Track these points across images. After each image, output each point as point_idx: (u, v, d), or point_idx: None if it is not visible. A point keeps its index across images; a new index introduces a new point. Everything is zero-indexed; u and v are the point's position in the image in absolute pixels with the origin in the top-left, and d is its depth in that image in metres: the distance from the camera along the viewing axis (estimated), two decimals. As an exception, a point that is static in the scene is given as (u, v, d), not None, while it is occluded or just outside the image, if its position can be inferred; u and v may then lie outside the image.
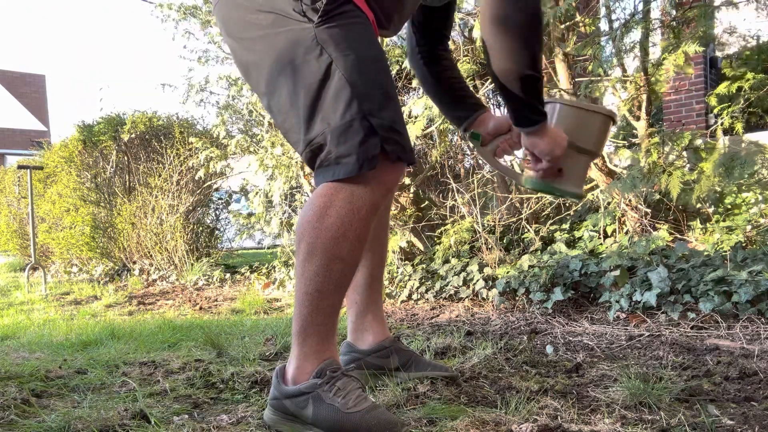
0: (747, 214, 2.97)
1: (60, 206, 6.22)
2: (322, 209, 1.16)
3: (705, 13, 2.92)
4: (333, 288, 1.18)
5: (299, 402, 1.19)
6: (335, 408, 1.15)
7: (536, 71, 1.22)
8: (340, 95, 1.12)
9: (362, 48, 1.16)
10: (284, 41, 1.15)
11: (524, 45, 1.19)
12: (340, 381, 1.18)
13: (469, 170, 4.12)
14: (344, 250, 1.16)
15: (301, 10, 1.13)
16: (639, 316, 2.26)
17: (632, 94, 3.27)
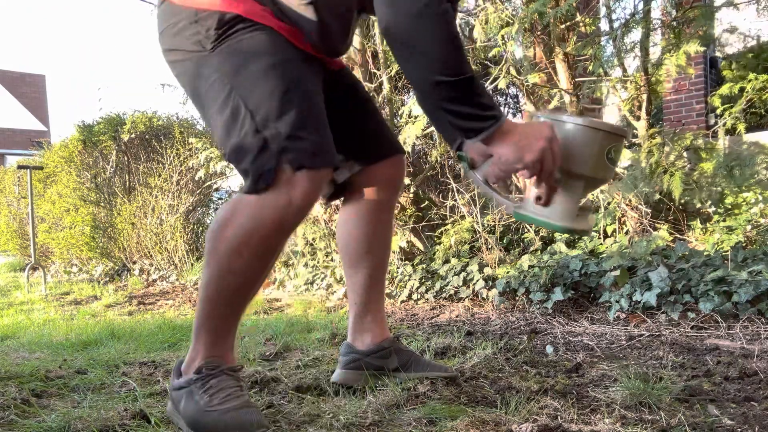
0: (747, 214, 2.97)
1: (60, 206, 6.22)
2: (224, 221, 1.16)
3: (705, 13, 2.92)
4: (224, 299, 1.20)
5: (178, 395, 1.23)
6: (198, 405, 1.17)
7: (453, 74, 1.04)
8: (236, 113, 1.12)
9: (254, 60, 1.13)
10: (189, 75, 1.19)
11: (421, 50, 1.05)
12: (215, 379, 1.19)
13: (469, 170, 4.11)
14: (238, 265, 1.16)
15: (197, 41, 1.15)
16: (639, 316, 2.26)
17: (632, 94, 3.27)
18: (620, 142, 1.15)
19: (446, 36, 1.05)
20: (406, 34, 1.05)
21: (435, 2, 1.03)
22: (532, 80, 3.32)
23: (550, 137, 1.09)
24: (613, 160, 1.15)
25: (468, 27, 3.67)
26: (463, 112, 1.07)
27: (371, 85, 3.76)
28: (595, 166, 1.14)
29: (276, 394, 1.45)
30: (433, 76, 1.05)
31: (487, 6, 3.10)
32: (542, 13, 2.63)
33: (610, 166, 1.15)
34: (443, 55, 1.04)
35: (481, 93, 1.08)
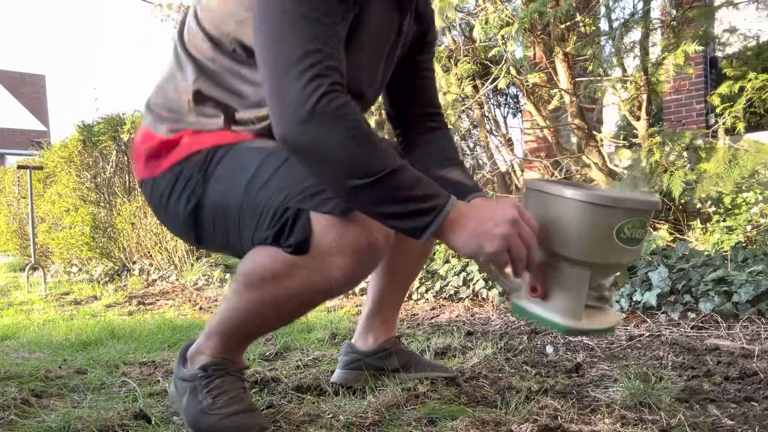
0: (747, 214, 2.97)
1: (60, 206, 6.22)
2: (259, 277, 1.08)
3: (705, 13, 2.92)
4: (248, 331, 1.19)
5: (182, 387, 1.22)
6: (200, 406, 1.17)
7: (366, 175, 0.90)
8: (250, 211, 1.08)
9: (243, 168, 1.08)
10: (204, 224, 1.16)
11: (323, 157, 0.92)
12: (220, 379, 1.18)
13: (469, 170, 4.12)
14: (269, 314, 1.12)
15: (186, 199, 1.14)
16: (639, 316, 2.26)
17: (632, 93, 3.27)
18: (638, 217, 0.90)
19: (346, 135, 0.90)
20: (304, 143, 0.92)
21: (325, 101, 0.90)
22: (532, 80, 3.32)
23: (514, 219, 0.92)
24: (631, 239, 0.91)
25: (469, 27, 3.66)
26: (394, 213, 0.92)
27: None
28: (600, 249, 0.91)
29: (276, 394, 1.45)
30: (344, 182, 0.91)
31: (487, 6, 3.10)
32: (542, 13, 2.63)
33: (627, 247, 0.91)
34: (348, 158, 0.90)
35: (411, 185, 0.92)
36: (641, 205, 0.91)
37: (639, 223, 0.90)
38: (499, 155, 4.10)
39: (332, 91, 0.91)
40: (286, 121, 0.92)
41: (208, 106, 1.13)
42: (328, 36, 0.95)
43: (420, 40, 1.31)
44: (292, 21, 0.94)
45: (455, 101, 3.34)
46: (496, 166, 4.01)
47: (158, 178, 1.17)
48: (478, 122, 3.99)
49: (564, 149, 3.46)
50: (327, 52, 0.93)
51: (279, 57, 0.93)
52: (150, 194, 1.21)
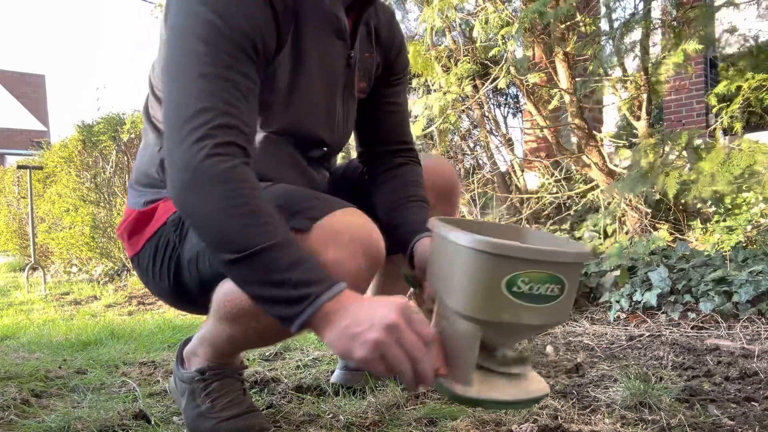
0: (747, 214, 2.97)
1: (59, 206, 6.22)
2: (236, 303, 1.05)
3: (705, 13, 2.92)
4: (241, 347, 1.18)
5: (181, 388, 1.22)
6: (199, 410, 1.17)
7: (237, 250, 0.82)
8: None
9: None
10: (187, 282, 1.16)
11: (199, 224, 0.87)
12: (218, 382, 1.17)
13: (469, 170, 4.12)
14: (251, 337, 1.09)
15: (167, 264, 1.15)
16: (639, 316, 2.26)
17: (632, 93, 3.27)
18: (535, 269, 0.74)
19: (220, 204, 0.83)
20: (184, 208, 0.87)
21: (207, 165, 0.83)
22: (532, 80, 3.32)
23: (391, 324, 0.78)
24: (532, 295, 0.75)
25: (468, 27, 3.66)
26: (261, 296, 0.84)
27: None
28: (487, 304, 0.76)
29: (276, 394, 1.45)
30: (218, 254, 0.85)
31: (487, 6, 3.10)
32: (542, 13, 2.63)
33: (527, 304, 0.75)
34: (218, 229, 0.84)
35: (286, 267, 0.81)
36: (539, 256, 0.74)
37: (540, 276, 0.74)
38: (499, 155, 4.11)
39: (217, 154, 0.85)
40: (171, 184, 0.88)
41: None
42: (225, 91, 0.88)
43: (386, 72, 1.26)
44: (190, 78, 0.89)
45: (455, 101, 3.34)
46: (496, 166, 4.00)
47: (140, 253, 1.17)
48: (478, 122, 3.99)
49: (564, 149, 3.46)
50: (221, 110, 0.87)
51: (172, 116, 0.89)
52: (138, 269, 1.21)
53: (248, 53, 0.93)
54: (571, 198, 3.53)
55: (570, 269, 0.77)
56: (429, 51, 3.36)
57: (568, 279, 0.77)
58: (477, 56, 3.51)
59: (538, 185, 3.88)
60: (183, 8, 0.94)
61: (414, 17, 4.57)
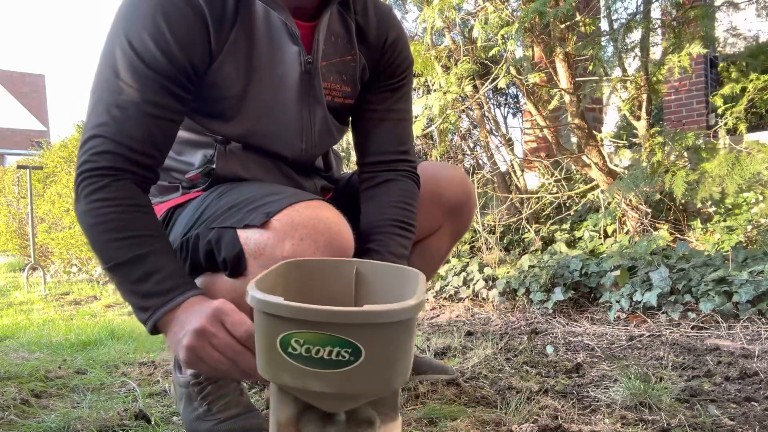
0: (747, 214, 2.97)
1: (59, 206, 6.22)
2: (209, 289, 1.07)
3: (706, 14, 2.92)
4: None
5: (180, 393, 1.22)
6: (196, 413, 1.17)
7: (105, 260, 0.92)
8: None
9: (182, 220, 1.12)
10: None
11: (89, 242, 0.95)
12: (213, 385, 1.18)
13: (469, 170, 4.12)
14: None
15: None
16: (639, 316, 2.26)
17: (633, 93, 3.27)
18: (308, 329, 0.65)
19: (90, 222, 0.93)
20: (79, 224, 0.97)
21: (82, 186, 0.94)
22: (532, 80, 3.32)
23: (201, 329, 0.82)
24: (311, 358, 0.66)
25: (468, 27, 3.66)
26: (130, 302, 0.94)
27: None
28: (268, 364, 0.69)
29: (276, 395, 1.45)
30: (98, 261, 0.97)
31: (486, 6, 3.10)
32: (542, 12, 2.63)
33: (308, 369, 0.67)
34: (92, 244, 0.94)
35: (139, 279, 0.90)
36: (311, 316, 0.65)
37: (316, 338, 0.65)
38: (499, 155, 4.10)
39: (92, 176, 0.93)
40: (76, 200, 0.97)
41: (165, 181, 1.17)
42: (125, 120, 0.94)
43: (376, 75, 1.20)
44: (95, 102, 0.96)
45: (455, 101, 3.34)
46: (496, 166, 4.00)
47: None
48: (478, 122, 3.99)
49: (564, 149, 3.46)
50: (113, 129, 0.93)
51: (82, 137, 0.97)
52: None
53: (162, 79, 0.96)
54: (571, 198, 3.53)
55: (366, 330, 0.66)
56: (429, 51, 3.36)
57: (364, 342, 0.66)
58: (477, 56, 3.51)
59: (538, 185, 3.88)
60: (109, 33, 0.98)
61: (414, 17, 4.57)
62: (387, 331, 0.68)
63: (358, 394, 0.70)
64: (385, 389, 0.71)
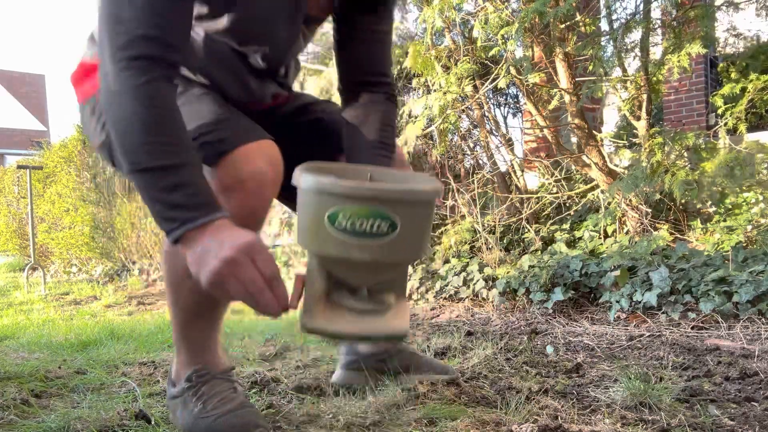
0: (747, 214, 2.97)
1: (59, 206, 6.22)
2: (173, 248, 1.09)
3: (706, 14, 2.91)
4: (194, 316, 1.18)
5: (173, 404, 1.24)
6: (193, 414, 1.17)
7: (134, 162, 0.89)
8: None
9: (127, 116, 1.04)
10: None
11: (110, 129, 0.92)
12: (207, 385, 1.18)
13: (469, 170, 4.12)
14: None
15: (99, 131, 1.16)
16: (639, 316, 2.26)
17: (633, 93, 3.27)
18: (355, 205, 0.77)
19: (129, 118, 0.88)
20: (102, 108, 0.93)
21: (123, 78, 0.88)
22: (532, 80, 3.32)
23: (231, 259, 0.85)
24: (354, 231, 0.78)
25: (468, 27, 3.66)
26: (150, 207, 0.92)
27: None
28: (316, 239, 0.81)
29: (276, 394, 1.45)
30: (122, 160, 0.91)
31: (486, 6, 3.10)
32: (542, 12, 2.63)
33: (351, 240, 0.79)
34: (124, 140, 0.90)
35: (172, 188, 0.88)
36: (357, 192, 0.77)
37: (360, 212, 0.77)
38: (499, 155, 4.10)
39: (133, 67, 0.88)
40: (100, 69, 0.93)
41: None
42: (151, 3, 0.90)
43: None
44: None
45: (455, 101, 3.34)
46: (496, 166, 4.00)
47: (83, 107, 1.20)
48: (478, 122, 3.99)
49: (564, 149, 3.46)
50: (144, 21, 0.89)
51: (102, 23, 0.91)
52: (81, 118, 1.23)
53: None
54: (571, 198, 3.53)
55: (401, 206, 0.79)
56: (429, 51, 3.36)
57: (399, 216, 0.79)
58: (477, 56, 3.50)
59: (538, 185, 3.88)
60: None
61: (414, 17, 4.57)
62: (418, 209, 0.81)
63: (391, 262, 0.82)
64: (412, 258, 0.84)
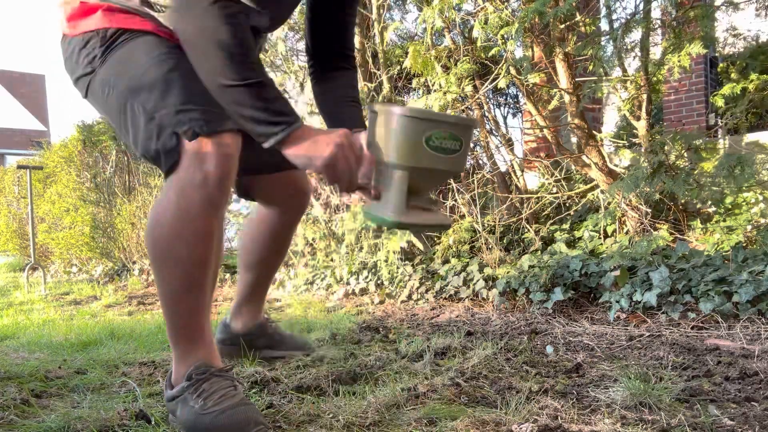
0: (747, 214, 2.97)
1: (60, 206, 6.22)
2: (153, 222, 1.19)
3: (706, 14, 2.91)
4: (183, 298, 1.21)
5: (173, 405, 1.24)
6: (194, 410, 1.18)
7: (235, 79, 1.08)
8: (132, 113, 1.19)
9: (134, 61, 1.20)
10: (95, 97, 1.28)
11: (203, 52, 1.09)
12: (207, 383, 1.20)
13: (469, 170, 4.11)
14: (180, 257, 1.17)
15: (89, 63, 1.25)
16: (639, 316, 2.26)
17: (633, 93, 3.27)
18: (443, 129, 1.12)
19: (226, 40, 1.07)
20: (191, 36, 1.10)
21: (219, 5, 1.07)
22: (532, 80, 3.32)
23: (341, 143, 1.14)
24: (441, 148, 1.13)
25: (468, 27, 3.66)
26: (252, 117, 1.10)
27: (371, 84, 3.76)
28: (413, 154, 1.12)
29: (276, 394, 1.45)
30: (217, 79, 1.09)
31: (486, 6, 3.10)
32: (542, 12, 2.63)
33: (438, 155, 1.13)
34: (223, 60, 1.07)
35: (273, 99, 1.11)
36: (447, 119, 1.14)
37: (447, 134, 1.13)
38: (499, 155, 4.10)
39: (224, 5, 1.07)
40: (182, 14, 1.10)
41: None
42: None
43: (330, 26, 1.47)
44: None
45: (455, 101, 3.34)
46: (496, 166, 4.00)
47: (72, 39, 1.28)
48: (478, 122, 3.99)
49: (564, 149, 3.46)
50: None
51: None
52: (64, 50, 1.32)
53: None
54: (571, 198, 3.53)
55: (464, 130, 1.16)
56: (429, 51, 3.36)
57: (463, 137, 1.16)
58: (477, 56, 3.50)
59: (538, 185, 3.88)
60: None
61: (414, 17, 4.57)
62: (469, 133, 1.19)
63: (456, 171, 1.19)
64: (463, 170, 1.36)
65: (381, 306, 3.14)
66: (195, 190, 1.14)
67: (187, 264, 1.18)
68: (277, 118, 1.11)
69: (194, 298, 1.22)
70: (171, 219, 1.16)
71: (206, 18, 1.07)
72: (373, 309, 3.05)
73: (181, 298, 1.21)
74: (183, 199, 1.15)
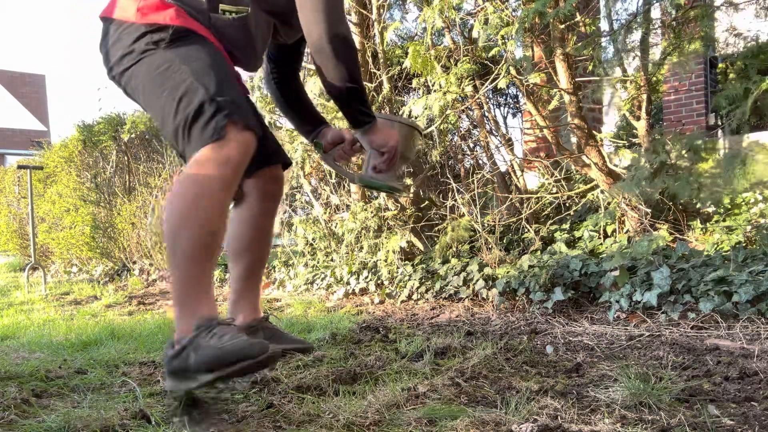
0: (747, 214, 2.97)
1: (60, 206, 6.22)
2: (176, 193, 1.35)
3: (706, 14, 2.91)
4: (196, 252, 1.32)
5: (183, 358, 1.26)
6: (211, 345, 1.22)
7: (356, 83, 1.50)
8: (194, 90, 1.38)
9: (201, 55, 1.43)
10: (143, 72, 1.44)
11: (340, 66, 1.48)
12: (217, 328, 1.25)
13: (469, 170, 4.12)
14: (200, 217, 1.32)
15: (153, 42, 1.43)
16: (639, 316, 2.26)
17: (632, 93, 3.27)
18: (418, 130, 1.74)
19: (354, 57, 1.52)
20: (336, 52, 1.47)
21: (350, 33, 1.52)
22: (532, 80, 3.32)
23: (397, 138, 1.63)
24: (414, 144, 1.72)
25: (467, 28, 3.66)
26: (359, 110, 1.55)
27: (371, 84, 3.76)
28: (408, 148, 1.68)
29: (276, 394, 1.45)
30: (346, 83, 1.50)
31: (486, 6, 3.10)
32: (542, 13, 2.63)
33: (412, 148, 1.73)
34: (352, 70, 1.50)
35: (367, 99, 1.57)
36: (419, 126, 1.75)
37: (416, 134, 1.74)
38: (499, 155, 4.10)
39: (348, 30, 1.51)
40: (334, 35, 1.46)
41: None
42: None
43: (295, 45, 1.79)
44: None
45: (455, 101, 3.34)
46: (496, 166, 4.00)
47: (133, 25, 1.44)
48: (478, 122, 3.99)
49: (564, 149, 3.46)
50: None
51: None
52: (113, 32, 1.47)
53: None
54: (571, 198, 3.53)
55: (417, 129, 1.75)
56: (429, 51, 3.36)
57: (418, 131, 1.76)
58: (477, 56, 3.51)
59: (538, 185, 3.88)
60: None
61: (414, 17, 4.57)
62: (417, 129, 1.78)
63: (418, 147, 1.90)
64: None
65: (381, 306, 3.14)
66: (217, 167, 1.33)
67: (204, 228, 1.32)
68: (370, 112, 1.56)
69: (206, 260, 1.34)
70: (192, 188, 1.33)
71: (347, 41, 1.48)
72: (373, 309, 3.05)
73: (195, 258, 1.31)
74: (205, 173, 1.33)
